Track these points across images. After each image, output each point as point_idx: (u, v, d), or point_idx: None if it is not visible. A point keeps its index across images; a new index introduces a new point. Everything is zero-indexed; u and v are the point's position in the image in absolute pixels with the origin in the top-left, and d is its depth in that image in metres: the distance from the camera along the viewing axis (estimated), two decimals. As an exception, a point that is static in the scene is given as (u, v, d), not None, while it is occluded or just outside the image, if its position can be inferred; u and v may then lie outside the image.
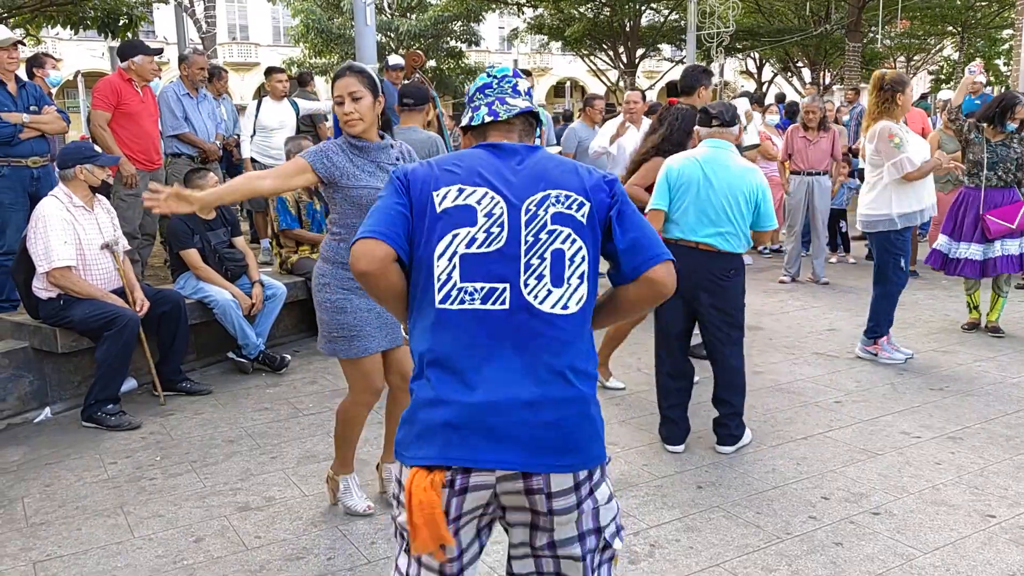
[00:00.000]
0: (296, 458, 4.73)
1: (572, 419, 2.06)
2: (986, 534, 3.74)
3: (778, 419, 5.19)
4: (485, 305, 2.05)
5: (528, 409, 2.02)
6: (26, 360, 5.44)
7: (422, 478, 2.00)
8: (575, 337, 2.09)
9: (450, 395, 2.03)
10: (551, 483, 2.03)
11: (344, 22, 28.98)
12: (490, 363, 2.04)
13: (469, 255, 2.06)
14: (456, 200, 2.10)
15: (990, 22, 31.09)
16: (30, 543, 3.81)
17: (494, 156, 2.19)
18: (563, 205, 2.11)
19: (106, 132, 6.75)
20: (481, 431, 2.00)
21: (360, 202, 3.65)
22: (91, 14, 13.11)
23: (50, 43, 35.45)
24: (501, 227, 2.08)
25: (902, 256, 6.19)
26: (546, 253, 2.08)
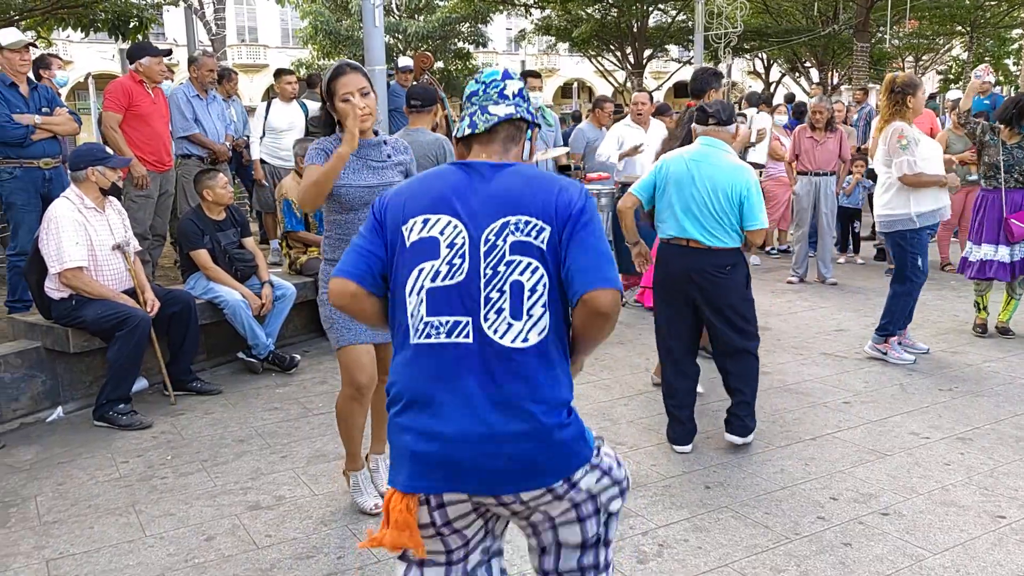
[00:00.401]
0: (306, 457, 4.75)
1: (533, 450, 2.08)
2: (996, 535, 3.74)
3: (786, 419, 5.20)
4: (451, 339, 2.10)
5: (490, 442, 2.06)
6: (39, 360, 5.48)
7: (398, 499, 2.11)
8: (536, 368, 2.10)
9: (416, 427, 2.11)
10: (521, 496, 2.11)
11: (352, 24, 29.04)
12: (454, 397, 2.08)
13: (434, 288, 2.12)
14: (421, 232, 2.16)
15: (999, 22, 30.99)
16: (43, 541, 3.84)
17: (463, 177, 2.21)
18: (522, 233, 2.12)
19: (117, 133, 6.80)
20: (445, 464, 2.07)
21: (340, 200, 3.74)
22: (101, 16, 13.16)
23: (61, 45, 35.62)
24: (462, 258, 2.12)
25: (919, 255, 6.19)
26: (505, 286, 2.10)
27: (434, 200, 2.18)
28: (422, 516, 2.14)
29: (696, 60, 21.72)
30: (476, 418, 2.06)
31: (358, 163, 3.74)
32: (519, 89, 2.36)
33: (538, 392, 2.09)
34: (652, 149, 8.48)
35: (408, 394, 2.13)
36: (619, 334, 7.26)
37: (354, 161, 3.73)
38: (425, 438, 2.09)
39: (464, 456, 2.06)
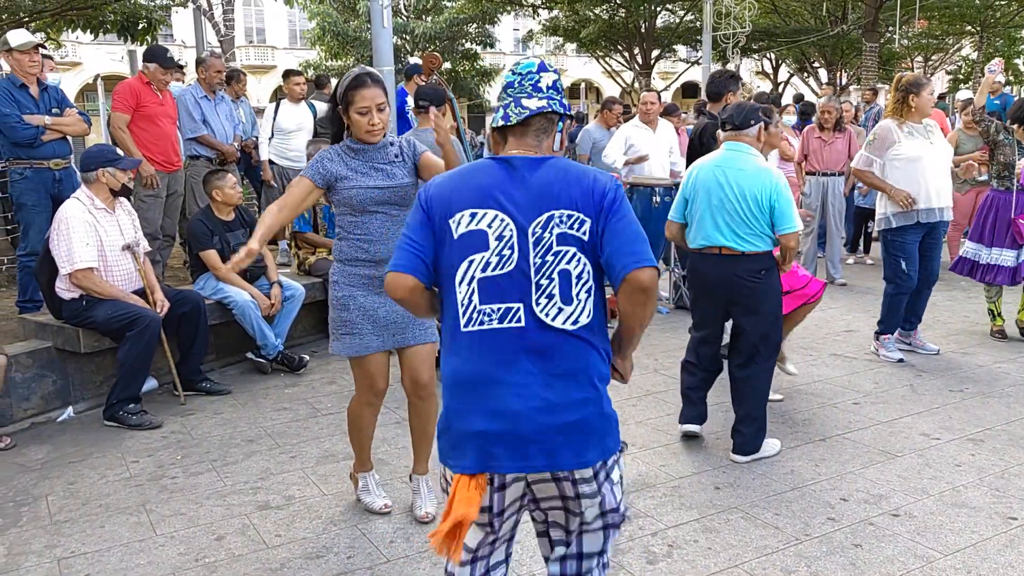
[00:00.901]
0: (315, 458, 4.75)
1: (586, 421, 2.27)
2: (1008, 536, 3.73)
3: (796, 420, 5.18)
4: (503, 324, 2.26)
5: (547, 416, 2.23)
6: (49, 360, 5.50)
7: (465, 484, 2.24)
8: (587, 347, 2.29)
9: (478, 406, 2.26)
10: (574, 473, 2.28)
11: (360, 25, 29.09)
12: (513, 376, 2.24)
13: (485, 279, 2.27)
14: (469, 226, 2.29)
15: (1009, 21, 30.87)
16: (54, 540, 3.85)
17: (504, 172, 2.34)
18: (566, 225, 2.27)
19: (125, 133, 6.83)
20: (508, 441, 2.23)
21: (351, 203, 3.71)
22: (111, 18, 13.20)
23: (70, 47, 35.79)
24: (512, 249, 2.26)
25: (901, 257, 6.15)
26: (554, 274, 2.26)
27: (479, 195, 2.30)
28: (483, 499, 2.28)
29: (704, 60, 21.72)
30: (536, 394, 2.23)
31: (365, 166, 3.72)
32: (553, 81, 2.43)
33: (590, 368, 2.28)
34: (661, 149, 8.49)
35: (466, 379, 2.28)
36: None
37: (361, 165, 3.71)
38: (489, 416, 2.24)
39: (528, 430, 2.22)
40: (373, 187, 3.71)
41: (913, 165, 5.98)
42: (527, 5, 29.75)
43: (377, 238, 3.73)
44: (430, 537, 2.29)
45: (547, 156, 2.38)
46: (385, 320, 3.75)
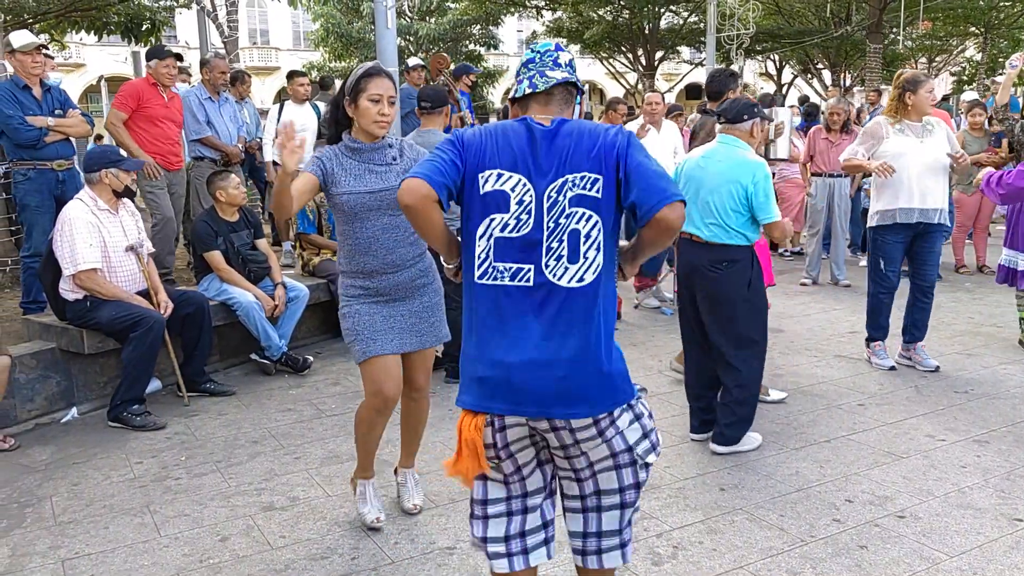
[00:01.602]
0: (319, 459, 4.75)
1: (581, 375, 2.39)
2: (1013, 538, 3.72)
3: (801, 421, 5.17)
4: (512, 282, 2.41)
5: (544, 368, 2.38)
6: (53, 361, 5.50)
7: (469, 419, 2.45)
8: (590, 303, 2.41)
9: (483, 354, 2.44)
10: (571, 423, 2.41)
11: (364, 26, 29.10)
12: (515, 330, 2.40)
13: (502, 239, 2.42)
14: (495, 185, 2.43)
15: (1013, 23, 30.80)
16: (58, 541, 3.85)
17: (528, 136, 2.46)
18: (580, 187, 2.41)
19: (120, 129, 6.84)
20: (506, 386, 2.40)
21: (344, 208, 3.59)
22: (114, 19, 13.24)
23: (74, 48, 35.82)
24: (528, 214, 2.41)
25: (880, 256, 6.09)
26: (564, 235, 2.40)
27: (508, 158, 2.44)
28: (486, 436, 2.47)
29: (708, 62, 21.70)
30: (535, 347, 2.38)
31: (360, 168, 3.61)
32: (569, 60, 2.59)
33: (590, 325, 2.40)
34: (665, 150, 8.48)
35: (475, 328, 2.46)
36: (630, 335, 7.24)
37: (356, 166, 3.60)
38: (490, 365, 2.42)
39: (523, 380, 2.38)
40: (364, 191, 3.59)
41: (894, 163, 5.82)
42: (531, 6, 29.75)
43: (366, 248, 3.62)
44: (444, 465, 2.52)
45: (564, 120, 2.50)
46: (391, 325, 3.70)
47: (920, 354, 6.26)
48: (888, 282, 6.14)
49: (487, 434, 2.47)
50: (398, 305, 3.73)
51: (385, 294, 3.70)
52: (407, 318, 3.75)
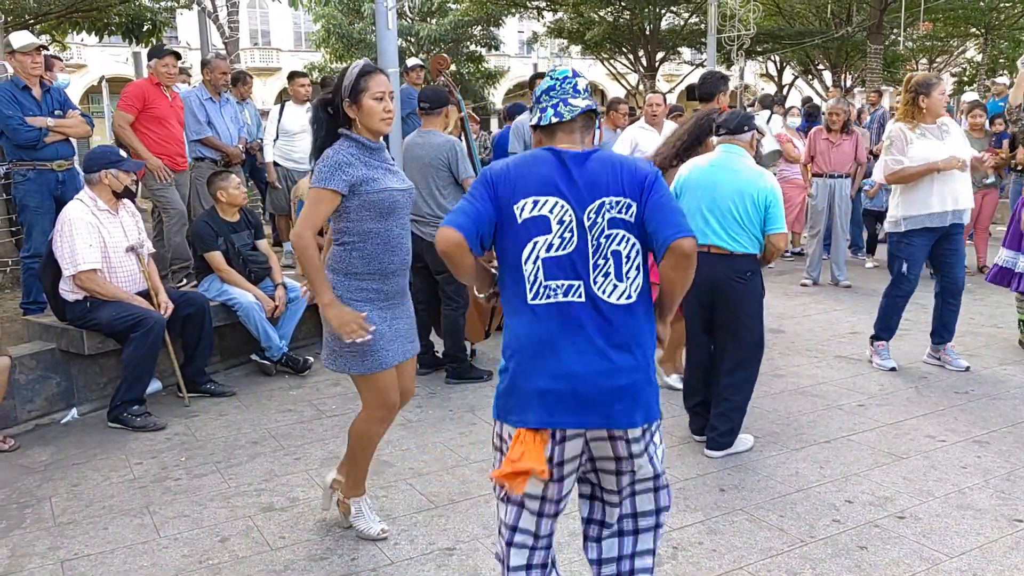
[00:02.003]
0: (319, 459, 4.75)
1: (636, 386, 2.54)
2: (1013, 539, 3.71)
3: (801, 422, 5.17)
4: (566, 298, 2.52)
5: (604, 379, 2.50)
6: (53, 361, 5.50)
7: (530, 436, 2.48)
8: (638, 319, 2.56)
9: (546, 371, 2.51)
10: (628, 433, 2.55)
11: (365, 27, 29.12)
12: (575, 343, 2.50)
13: (549, 258, 2.52)
14: (532, 211, 2.54)
15: (1014, 24, 30.80)
16: (58, 542, 3.85)
17: (558, 163, 2.58)
18: (616, 210, 2.54)
19: (125, 130, 6.80)
20: (569, 399, 2.49)
21: (381, 206, 3.50)
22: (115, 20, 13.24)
23: (75, 49, 35.84)
24: (571, 232, 2.52)
25: (904, 259, 6.05)
26: (608, 253, 2.53)
27: (540, 184, 2.55)
28: (547, 450, 2.51)
29: (709, 62, 21.69)
30: (595, 359, 2.50)
31: (383, 167, 3.55)
32: (586, 85, 2.73)
33: (640, 338, 2.56)
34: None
35: (534, 345, 2.53)
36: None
37: (380, 165, 3.54)
38: (555, 378, 2.50)
39: (588, 390, 2.49)
40: (398, 188, 3.54)
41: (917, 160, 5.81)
42: (532, 7, 29.75)
43: (395, 247, 3.56)
44: (492, 476, 2.54)
45: (593, 149, 2.65)
46: (396, 334, 3.63)
47: (950, 355, 6.24)
48: (909, 285, 6.10)
49: (548, 448, 2.53)
50: (397, 310, 3.67)
51: (391, 297, 3.63)
52: (403, 322, 3.69)
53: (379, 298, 3.59)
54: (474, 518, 3.99)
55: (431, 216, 5.91)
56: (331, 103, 3.56)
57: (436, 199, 5.89)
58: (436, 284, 6.09)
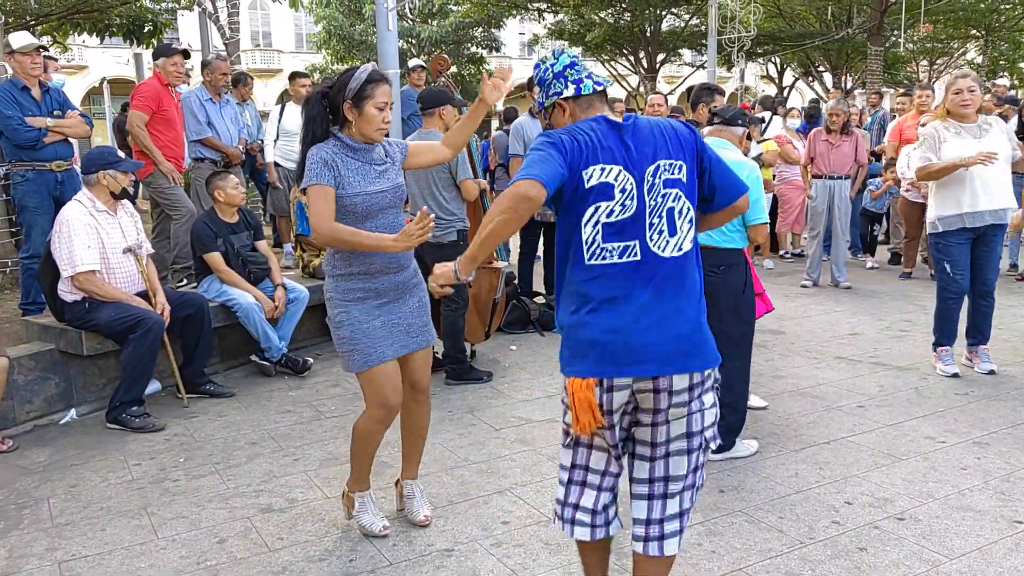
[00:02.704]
0: (319, 460, 4.74)
1: (692, 333, 2.68)
2: (1013, 540, 3.70)
3: (800, 423, 5.16)
4: (622, 259, 2.65)
5: (658, 329, 2.64)
6: (52, 362, 5.50)
7: (580, 384, 2.65)
8: (690, 268, 2.74)
9: (602, 324, 2.64)
10: (673, 383, 2.66)
11: (366, 28, 29.15)
12: (630, 299, 2.64)
13: (608, 223, 2.65)
14: (599, 178, 2.64)
15: (1014, 25, 30.83)
16: (55, 543, 3.84)
17: (613, 131, 2.71)
18: (670, 172, 2.70)
19: (142, 131, 6.75)
20: (624, 348, 2.62)
21: (354, 210, 3.53)
22: (116, 21, 13.23)
23: (76, 50, 35.85)
24: (632, 199, 2.65)
25: (947, 261, 5.97)
26: (662, 212, 2.68)
27: (605, 153, 2.66)
28: (596, 398, 2.66)
29: (709, 64, 21.71)
30: (649, 311, 2.64)
31: (364, 167, 3.57)
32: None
33: (693, 288, 2.74)
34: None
35: (593, 301, 2.66)
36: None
37: (360, 166, 3.56)
38: (611, 331, 2.63)
39: (642, 341, 2.62)
40: (376, 191, 3.57)
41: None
42: (532, 9, 29.77)
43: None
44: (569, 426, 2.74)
45: (628, 115, 2.78)
46: (390, 329, 3.65)
47: (980, 356, 6.19)
48: (956, 285, 6.01)
49: (596, 395, 2.66)
50: (394, 307, 3.68)
51: (384, 295, 3.65)
52: (404, 319, 3.70)
53: (370, 296, 3.63)
54: (473, 519, 3.98)
55: (431, 217, 5.90)
56: (329, 98, 3.57)
57: (437, 200, 5.89)
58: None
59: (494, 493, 4.27)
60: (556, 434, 5.03)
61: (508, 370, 6.44)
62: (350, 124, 3.55)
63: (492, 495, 4.24)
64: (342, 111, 3.55)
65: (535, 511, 4.04)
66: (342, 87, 3.53)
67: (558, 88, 2.81)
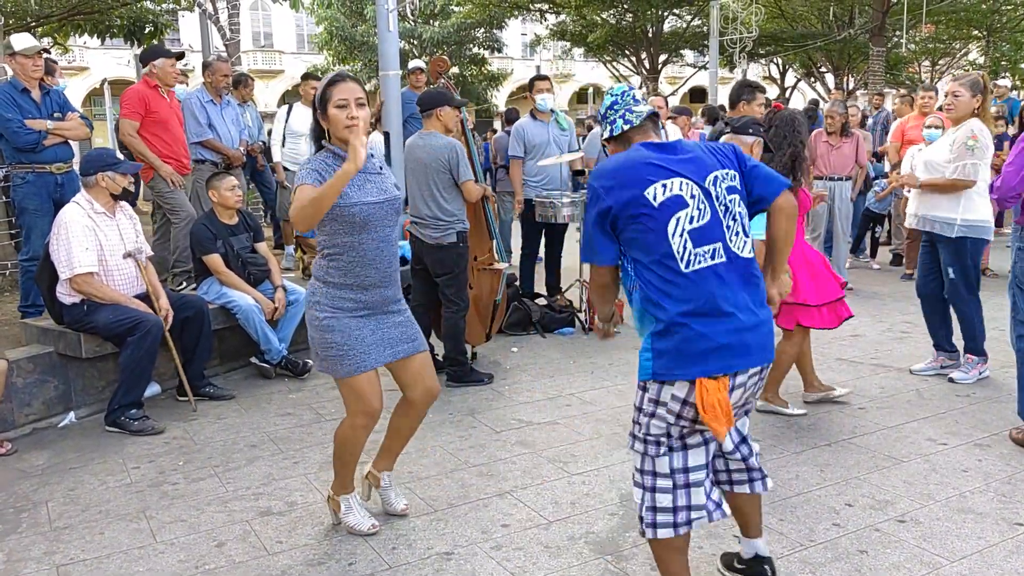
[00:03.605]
0: (318, 463, 4.73)
1: (769, 327, 2.98)
2: (1014, 542, 3.69)
3: (801, 425, 5.15)
4: (712, 261, 2.86)
5: (757, 324, 2.90)
6: (51, 365, 5.49)
7: (713, 385, 2.80)
8: (755, 267, 2.99)
9: (717, 327, 2.82)
10: (762, 369, 2.97)
11: (367, 29, 29.14)
12: (729, 299, 2.85)
13: (693, 229, 2.85)
14: (665, 194, 2.85)
15: (1016, 26, 30.81)
16: (54, 547, 3.83)
17: (660, 152, 2.95)
18: (727, 180, 2.95)
19: (135, 139, 6.75)
20: (742, 346, 2.85)
21: (352, 220, 3.50)
22: (117, 22, 13.24)
23: (77, 51, 35.90)
24: (704, 204, 2.87)
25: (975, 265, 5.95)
26: (735, 215, 2.94)
27: (659, 170, 2.88)
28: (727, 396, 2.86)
29: (711, 65, 21.73)
30: (747, 309, 2.89)
31: (360, 178, 3.53)
32: (643, 95, 3.02)
33: (762, 284, 3.02)
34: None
35: (699, 307, 2.82)
36: (633, 339, 7.17)
37: (358, 177, 3.52)
38: (726, 332, 2.82)
39: (752, 337, 2.88)
40: (373, 202, 3.53)
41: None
42: (534, 10, 29.75)
43: (371, 260, 3.57)
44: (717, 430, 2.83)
45: (679, 139, 3.07)
46: (379, 338, 3.66)
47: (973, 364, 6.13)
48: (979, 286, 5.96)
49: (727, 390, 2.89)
50: (382, 318, 3.69)
51: (373, 308, 3.64)
52: (393, 328, 3.71)
53: (359, 308, 3.63)
54: (473, 522, 3.97)
55: (431, 218, 5.90)
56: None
57: (437, 201, 5.87)
58: (436, 287, 6.08)
59: (494, 496, 4.26)
60: (557, 436, 5.03)
61: (509, 372, 6.43)
62: (330, 132, 3.56)
63: (492, 498, 4.23)
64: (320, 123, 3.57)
65: (535, 514, 4.04)
66: (315, 103, 3.57)
67: (605, 129, 3.15)
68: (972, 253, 5.84)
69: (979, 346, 6.01)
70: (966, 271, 5.87)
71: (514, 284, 7.83)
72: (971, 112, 5.75)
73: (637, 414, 2.98)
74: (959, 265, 5.87)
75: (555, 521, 3.97)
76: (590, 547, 3.72)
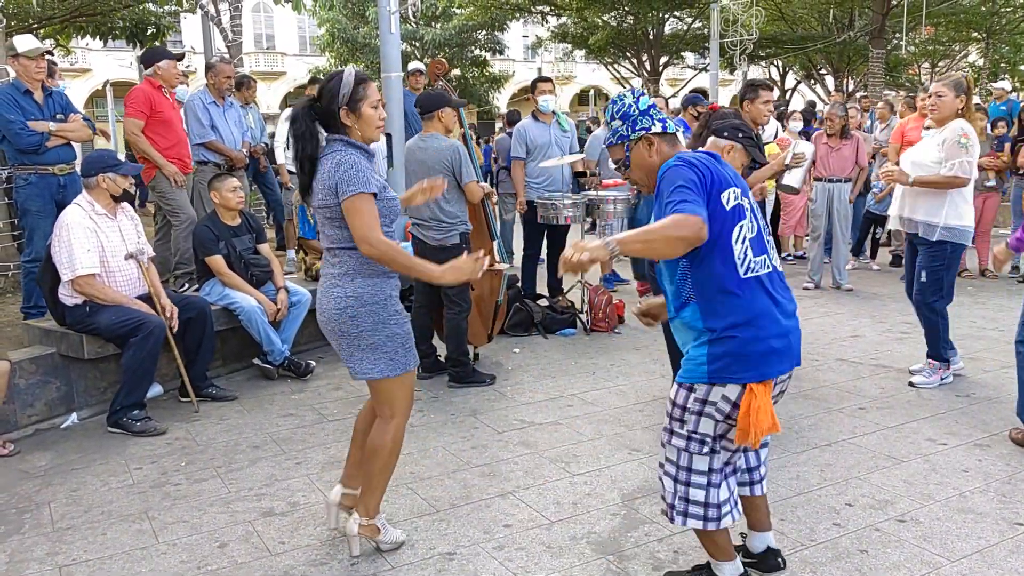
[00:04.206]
0: (321, 464, 4.74)
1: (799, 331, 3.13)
2: (1014, 542, 3.70)
3: (802, 425, 5.16)
4: (764, 270, 3.01)
5: (797, 329, 3.09)
6: (53, 366, 5.50)
7: (762, 389, 2.92)
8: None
9: (769, 331, 2.96)
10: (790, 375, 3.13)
11: (370, 31, 29.16)
12: (780, 305, 3.03)
13: (751, 239, 2.98)
14: (734, 200, 2.97)
15: (1015, 28, 30.79)
16: (56, 547, 3.84)
17: (718, 161, 3.06)
18: (747, 196, 3.06)
19: (140, 138, 6.75)
20: (789, 350, 3.02)
21: (392, 213, 3.53)
22: (120, 24, 13.27)
23: (80, 53, 35.94)
24: (754, 216, 3.04)
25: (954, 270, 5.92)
26: (767, 231, 3.11)
27: (729, 178, 3.01)
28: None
29: (712, 67, 21.74)
30: (792, 315, 3.07)
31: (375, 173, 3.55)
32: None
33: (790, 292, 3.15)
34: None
35: (755, 313, 2.95)
36: (634, 340, 7.24)
37: (374, 171, 3.53)
38: (778, 336, 2.98)
39: (796, 341, 3.07)
40: (393, 197, 3.58)
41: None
42: (536, 12, 29.76)
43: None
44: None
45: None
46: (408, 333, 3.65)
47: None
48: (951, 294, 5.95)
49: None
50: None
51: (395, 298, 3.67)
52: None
53: (391, 299, 3.57)
54: (475, 523, 3.98)
55: (432, 220, 5.91)
56: (319, 111, 3.52)
57: (438, 202, 5.88)
58: (438, 288, 6.09)
59: (496, 496, 4.27)
60: (559, 437, 5.04)
61: (511, 373, 6.45)
62: (350, 129, 3.51)
63: (494, 498, 4.24)
64: (338, 119, 3.49)
65: (537, 514, 4.05)
66: (332, 96, 3.47)
67: (646, 124, 3.17)
68: (950, 258, 5.79)
69: (941, 351, 5.95)
70: (938, 275, 5.83)
71: (516, 285, 7.84)
72: (955, 112, 5.72)
73: (681, 412, 3.09)
74: (932, 268, 5.83)
75: (557, 521, 3.98)
76: (592, 547, 3.73)
